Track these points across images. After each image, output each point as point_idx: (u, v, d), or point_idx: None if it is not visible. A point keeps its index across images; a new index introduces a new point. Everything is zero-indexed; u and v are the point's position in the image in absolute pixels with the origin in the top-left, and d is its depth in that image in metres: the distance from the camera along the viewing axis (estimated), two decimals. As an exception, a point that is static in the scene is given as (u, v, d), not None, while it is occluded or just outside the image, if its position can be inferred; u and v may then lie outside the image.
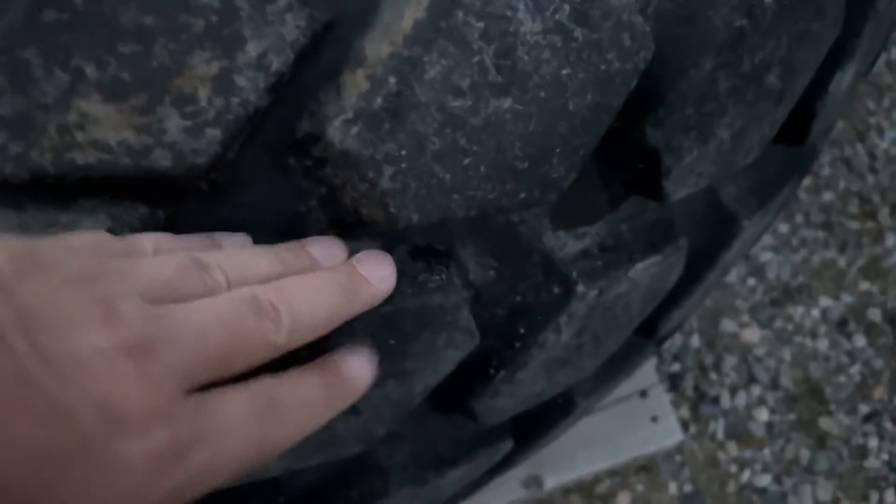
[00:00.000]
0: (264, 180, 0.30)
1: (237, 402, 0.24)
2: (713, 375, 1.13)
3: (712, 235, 0.46)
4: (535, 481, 0.93)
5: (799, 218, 1.21)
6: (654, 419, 0.97)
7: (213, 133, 0.27)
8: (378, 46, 0.28)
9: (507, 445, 0.48)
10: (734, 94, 0.34)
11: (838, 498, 1.06)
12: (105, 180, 0.27)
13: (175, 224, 0.30)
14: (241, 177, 0.29)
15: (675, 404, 1.10)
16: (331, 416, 0.28)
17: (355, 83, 0.28)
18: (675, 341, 1.14)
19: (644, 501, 1.06)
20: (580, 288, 0.37)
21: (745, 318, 1.16)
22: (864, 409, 1.11)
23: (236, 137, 0.28)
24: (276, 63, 0.27)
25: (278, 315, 0.25)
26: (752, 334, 1.15)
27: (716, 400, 1.11)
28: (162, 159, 0.27)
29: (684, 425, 1.09)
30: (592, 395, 0.53)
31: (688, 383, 1.12)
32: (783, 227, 1.20)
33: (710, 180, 0.38)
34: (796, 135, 0.44)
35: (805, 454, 1.09)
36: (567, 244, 0.38)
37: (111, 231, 0.29)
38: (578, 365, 0.42)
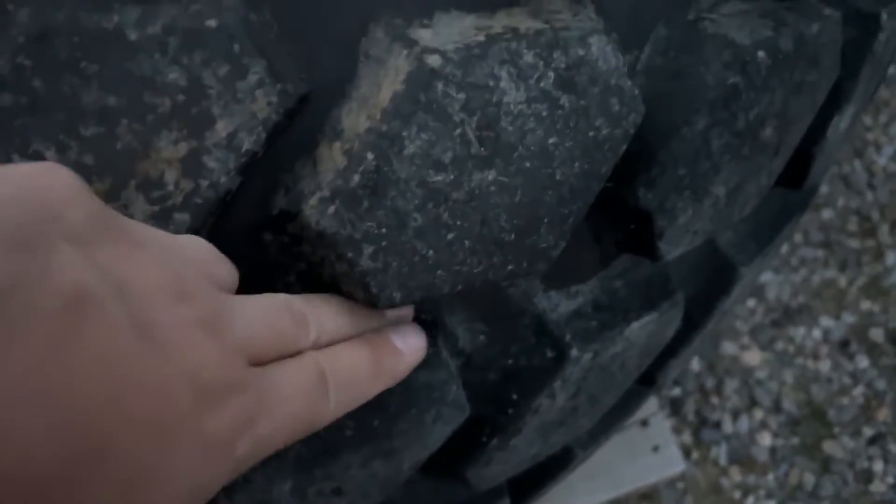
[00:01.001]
0: (238, 257, 0.28)
1: (292, 374, 0.24)
2: (714, 399, 1.11)
3: (710, 284, 0.44)
4: (535, 515, 0.91)
5: (798, 237, 1.20)
6: (656, 448, 0.95)
7: (182, 218, 0.26)
8: (355, 120, 0.27)
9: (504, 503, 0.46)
10: (729, 150, 0.33)
11: (844, 523, 1.04)
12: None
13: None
14: (214, 256, 0.28)
15: (677, 430, 1.09)
16: (382, 389, 0.28)
17: (332, 158, 0.27)
18: (676, 365, 1.12)
19: (647, 530, 1.04)
20: (574, 352, 0.35)
21: (746, 339, 1.15)
22: (868, 431, 1.09)
23: (207, 220, 0.26)
24: (248, 142, 0.26)
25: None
26: (752, 357, 1.14)
27: (717, 425, 1.10)
28: (128, 247, 0.25)
29: (686, 451, 1.08)
30: (591, 446, 0.52)
31: (689, 408, 1.11)
32: (782, 247, 1.19)
33: (707, 236, 0.36)
34: (794, 179, 0.43)
35: (809, 479, 1.07)
36: (559, 304, 0.36)
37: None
38: (574, 425, 0.41)
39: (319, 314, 0.27)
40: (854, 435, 1.09)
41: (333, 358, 0.26)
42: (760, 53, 0.32)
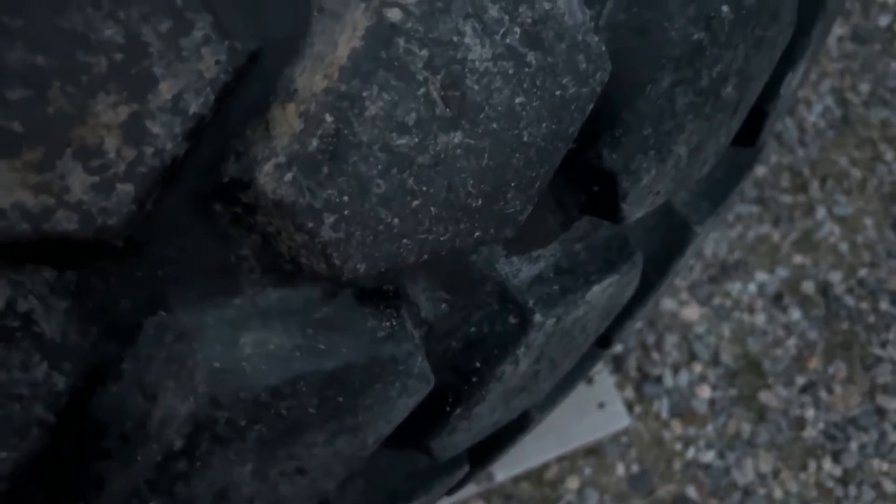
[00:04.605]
0: (187, 231, 0.26)
1: None
2: (655, 355, 1.13)
3: (665, 244, 0.44)
4: (486, 476, 0.92)
5: (733, 194, 1.23)
6: (601, 405, 0.97)
7: (125, 189, 0.23)
8: (310, 79, 0.25)
9: (464, 470, 0.46)
10: (692, 109, 0.32)
11: (779, 469, 1.09)
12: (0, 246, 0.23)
13: (87, 285, 0.26)
14: (160, 229, 0.26)
15: (620, 385, 1.11)
16: None
17: (286, 121, 0.25)
18: (618, 323, 1.14)
19: (593, 484, 1.06)
20: (538, 317, 0.34)
21: (685, 296, 1.17)
22: (800, 380, 1.13)
23: (152, 191, 0.24)
24: (195, 105, 0.24)
25: None
26: (691, 312, 1.16)
27: (658, 379, 1.12)
28: (66, 221, 0.23)
29: (629, 406, 1.10)
30: (548, 408, 0.51)
31: (631, 364, 1.13)
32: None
33: (667, 197, 0.36)
34: (748, 137, 0.43)
35: (746, 428, 1.11)
36: (521, 270, 0.35)
37: (12, 299, 0.25)
38: (535, 389, 0.40)
39: None
40: (787, 384, 1.13)
41: None
42: (724, 8, 0.31)
